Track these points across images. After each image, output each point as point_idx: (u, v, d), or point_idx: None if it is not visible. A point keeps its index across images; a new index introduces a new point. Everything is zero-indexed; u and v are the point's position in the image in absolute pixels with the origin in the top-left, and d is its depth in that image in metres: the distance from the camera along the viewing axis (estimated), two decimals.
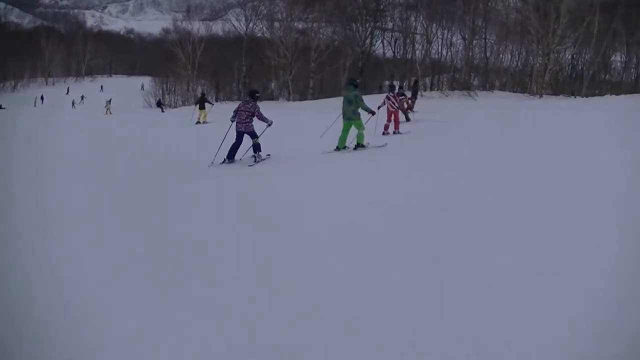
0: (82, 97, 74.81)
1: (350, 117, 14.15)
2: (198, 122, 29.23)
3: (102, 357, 4.18)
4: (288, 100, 49.25)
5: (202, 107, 30.00)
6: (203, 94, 34.17)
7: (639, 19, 39.96)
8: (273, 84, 55.65)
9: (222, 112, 27.88)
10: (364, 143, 14.42)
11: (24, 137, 22.57)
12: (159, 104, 55.75)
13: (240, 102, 14.78)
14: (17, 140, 21.04)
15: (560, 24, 37.89)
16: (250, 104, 13.24)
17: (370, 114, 14.61)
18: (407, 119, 22.30)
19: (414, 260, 5.68)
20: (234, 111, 13.50)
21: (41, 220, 8.21)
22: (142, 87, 74.93)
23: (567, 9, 37.56)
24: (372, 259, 5.81)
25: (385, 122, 18.31)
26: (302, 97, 49.80)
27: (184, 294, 5.20)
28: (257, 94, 13.87)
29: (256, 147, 13.23)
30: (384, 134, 17.90)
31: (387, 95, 19.30)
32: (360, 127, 14.29)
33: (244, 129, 13.16)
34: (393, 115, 18.53)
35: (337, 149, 14.25)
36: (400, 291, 4.92)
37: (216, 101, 48.22)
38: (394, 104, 18.63)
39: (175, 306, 4.91)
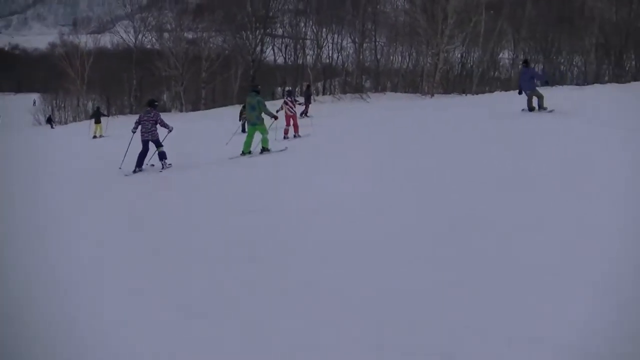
0: None
1: (255, 122, 14.75)
2: (95, 137, 29.13)
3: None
4: (181, 111, 48.25)
5: (97, 121, 30.10)
6: (98, 108, 34.54)
7: (524, 17, 41.47)
8: (165, 96, 54.47)
9: (115, 127, 29.83)
10: (269, 147, 14.97)
11: None
12: (49, 121, 53.61)
13: (139, 114, 15.28)
14: None
15: (448, 24, 38.94)
16: (152, 113, 14.02)
17: (274, 119, 15.37)
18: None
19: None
20: (136, 122, 14.26)
21: None
22: (34, 103, 71.87)
23: (454, 10, 38.60)
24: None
25: (285, 126, 18.92)
26: (195, 108, 48.92)
27: None
28: (156, 103, 14.83)
29: (162, 155, 14.01)
30: (284, 138, 18.47)
31: (284, 100, 19.94)
32: (264, 131, 14.88)
33: (150, 137, 13.92)
34: (292, 119, 19.18)
35: (243, 153, 14.73)
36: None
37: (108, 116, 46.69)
38: (291, 108, 19.22)
39: None
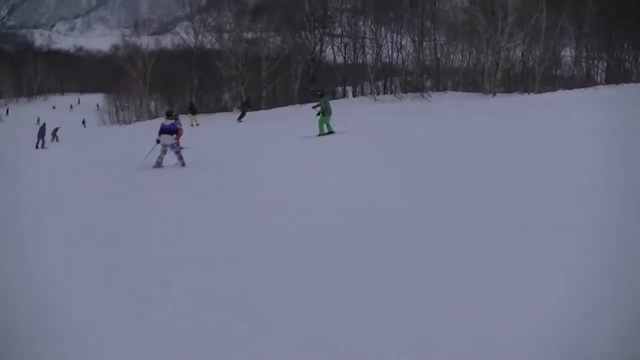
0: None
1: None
2: (192, 125, 34.14)
3: None
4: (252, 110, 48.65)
5: (193, 113, 36.27)
6: (192, 103, 41.13)
7: (586, 13, 40.41)
8: (226, 95, 55.16)
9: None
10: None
11: None
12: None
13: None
14: None
15: (508, 22, 38.22)
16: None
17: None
18: None
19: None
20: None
21: None
22: (98, 107, 73.80)
23: (514, 7, 37.89)
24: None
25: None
26: (256, 108, 49.31)
27: None
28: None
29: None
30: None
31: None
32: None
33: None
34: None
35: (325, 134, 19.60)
36: None
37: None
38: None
39: None
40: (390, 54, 51.21)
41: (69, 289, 5.86)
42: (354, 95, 50.15)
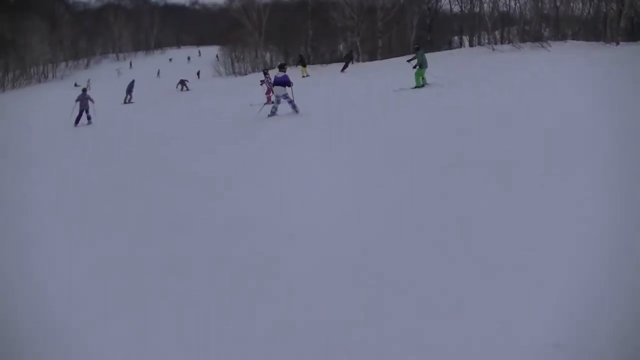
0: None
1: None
2: (303, 76, 36.59)
3: None
4: (357, 61, 49.30)
5: (303, 65, 39.68)
6: (301, 55, 44.80)
7: None
8: (341, 46, 55.74)
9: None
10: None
11: None
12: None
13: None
14: None
15: None
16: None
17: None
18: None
19: None
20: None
21: None
22: (217, 58, 75.67)
23: None
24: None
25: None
26: (372, 57, 49.87)
27: None
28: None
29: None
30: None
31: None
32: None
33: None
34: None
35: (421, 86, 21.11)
36: None
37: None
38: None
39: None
40: (507, 2, 50.15)
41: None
42: (471, 45, 49.58)
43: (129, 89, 35.26)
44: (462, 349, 3.94)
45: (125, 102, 34.61)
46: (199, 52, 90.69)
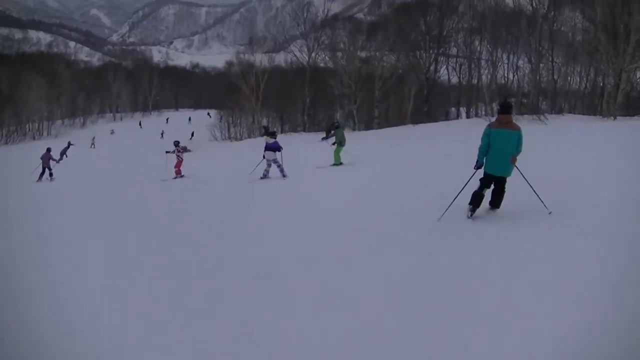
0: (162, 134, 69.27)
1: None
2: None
3: None
4: (353, 130, 49.02)
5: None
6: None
7: None
8: (338, 114, 55.70)
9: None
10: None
11: None
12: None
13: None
14: None
15: (630, 42, 36.81)
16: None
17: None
18: None
19: None
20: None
21: None
22: (209, 116, 76.19)
23: (637, 27, 36.48)
24: None
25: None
26: (368, 127, 49.71)
27: None
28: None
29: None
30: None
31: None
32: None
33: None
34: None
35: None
36: None
37: (281, 133, 48.62)
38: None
39: None
40: (505, 74, 50.45)
41: None
42: (468, 117, 49.58)
43: (63, 152, 36.20)
44: None
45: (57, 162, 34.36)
46: (189, 119, 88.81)
